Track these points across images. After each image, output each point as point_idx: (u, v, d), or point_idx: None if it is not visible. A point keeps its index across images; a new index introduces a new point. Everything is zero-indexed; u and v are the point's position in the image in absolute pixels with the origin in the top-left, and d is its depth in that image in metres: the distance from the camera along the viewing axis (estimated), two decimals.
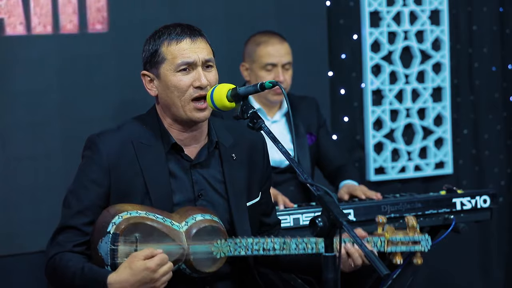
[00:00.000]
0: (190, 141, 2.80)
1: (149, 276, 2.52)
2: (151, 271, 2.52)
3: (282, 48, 4.08)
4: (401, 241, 2.84)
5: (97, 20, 4.19)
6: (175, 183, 2.75)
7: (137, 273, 2.52)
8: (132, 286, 2.53)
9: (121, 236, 2.57)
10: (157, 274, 2.53)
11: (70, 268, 2.62)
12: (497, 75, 5.27)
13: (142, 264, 2.52)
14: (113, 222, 2.59)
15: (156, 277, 2.53)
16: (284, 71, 4.07)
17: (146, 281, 2.53)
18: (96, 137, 2.76)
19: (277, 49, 4.06)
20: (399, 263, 2.85)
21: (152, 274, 2.53)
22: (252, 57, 4.10)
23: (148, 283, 2.54)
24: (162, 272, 2.54)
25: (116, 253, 2.58)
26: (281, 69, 4.06)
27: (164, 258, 2.55)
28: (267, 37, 4.11)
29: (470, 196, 3.80)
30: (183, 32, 2.75)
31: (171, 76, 2.74)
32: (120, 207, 2.64)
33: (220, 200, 2.78)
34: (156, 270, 2.53)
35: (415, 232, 2.87)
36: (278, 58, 4.06)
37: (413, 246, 2.86)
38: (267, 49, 4.06)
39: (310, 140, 4.22)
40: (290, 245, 2.73)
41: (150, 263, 2.52)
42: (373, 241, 2.79)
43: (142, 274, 2.52)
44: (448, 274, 5.17)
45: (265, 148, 2.94)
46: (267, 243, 2.71)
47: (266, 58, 4.06)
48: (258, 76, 4.05)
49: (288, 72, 4.10)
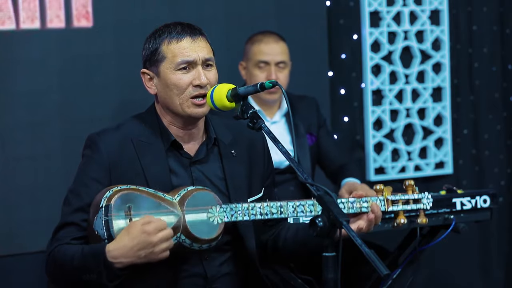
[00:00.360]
0: (189, 138, 2.81)
1: (147, 240, 2.51)
2: (149, 234, 2.51)
3: (276, 46, 4.08)
4: (401, 200, 2.83)
5: (83, 16, 4.19)
6: (176, 180, 2.75)
7: (135, 236, 2.51)
8: (131, 250, 2.52)
9: (114, 207, 2.56)
10: (155, 237, 2.51)
11: (69, 254, 2.62)
12: (497, 75, 5.27)
13: (140, 228, 2.51)
14: (104, 197, 2.59)
15: (154, 241, 2.52)
16: (278, 70, 4.07)
17: (145, 246, 2.52)
18: (96, 136, 2.77)
19: (271, 47, 4.07)
20: (403, 222, 2.82)
21: (150, 237, 2.51)
22: (248, 56, 4.12)
23: (146, 247, 2.52)
24: (160, 237, 2.52)
25: (110, 224, 2.56)
26: (274, 67, 4.06)
27: (162, 223, 2.54)
28: (263, 36, 4.12)
29: (470, 196, 3.80)
30: (183, 30, 2.76)
31: (171, 75, 2.74)
32: (111, 187, 2.64)
33: (221, 197, 2.78)
34: (155, 234, 2.51)
35: (413, 192, 2.85)
36: (271, 56, 4.06)
37: (415, 205, 2.84)
38: (260, 47, 4.08)
39: (310, 140, 4.22)
40: (287, 208, 2.70)
41: (148, 227, 2.51)
42: (372, 200, 2.78)
43: (139, 238, 2.51)
44: (448, 274, 5.17)
45: (265, 144, 2.94)
46: (264, 207, 2.68)
47: (258, 56, 4.07)
48: (252, 74, 4.07)
49: (283, 72, 4.09)
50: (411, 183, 2.86)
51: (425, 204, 2.85)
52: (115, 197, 2.58)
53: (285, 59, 4.09)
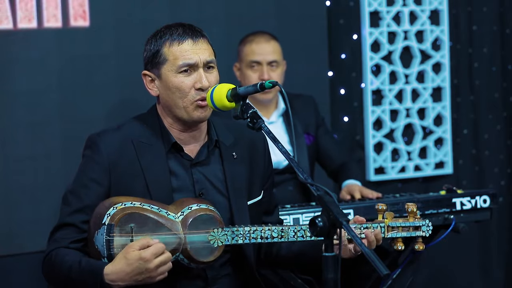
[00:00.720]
0: (190, 140, 2.80)
1: (143, 266, 2.50)
2: (146, 261, 2.50)
3: (267, 46, 4.09)
4: (402, 227, 2.83)
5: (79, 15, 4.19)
6: (176, 182, 2.75)
7: (132, 262, 2.50)
8: (128, 275, 2.52)
9: (116, 226, 2.56)
10: (152, 264, 2.51)
11: (67, 263, 2.61)
12: (497, 75, 5.27)
13: (136, 254, 2.50)
14: (108, 213, 2.59)
15: (151, 267, 2.51)
16: (270, 70, 4.07)
17: (141, 271, 2.51)
18: (96, 137, 2.76)
19: (262, 47, 4.07)
20: (400, 248, 2.83)
21: (147, 264, 2.50)
22: (241, 57, 4.14)
23: (143, 273, 2.52)
24: (157, 263, 2.52)
25: (112, 244, 2.56)
26: (266, 67, 4.06)
27: (160, 247, 2.53)
28: (254, 36, 4.14)
29: (470, 196, 3.80)
30: (184, 32, 2.75)
31: (172, 77, 2.74)
32: (115, 199, 2.64)
33: (221, 199, 2.78)
34: (151, 260, 2.51)
35: (415, 218, 2.86)
36: (262, 56, 4.07)
37: (414, 232, 2.85)
38: (252, 47, 4.09)
39: (308, 140, 4.22)
40: (288, 232, 2.71)
41: (145, 253, 2.50)
42: (373, 227, 2.78)
43: (136, 264, 2.50)
44: (448, 274, 5.17)
45: (266, 146, 2.94)
46: (265, 231, 2.69)
47: (250, 56, 4.08)
48: (245, 75, 4.08)
49: (276, 71, 4.09)
50: (413, 209, 2.85)
51: (424, 231, 2.86)
52: (119, 216, 2.57)
53: (276, 58, 4.09)
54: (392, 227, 2.81)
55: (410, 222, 2.84)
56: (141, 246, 2.52)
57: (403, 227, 2.83)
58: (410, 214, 2.85)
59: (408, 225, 2.83)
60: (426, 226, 2.86)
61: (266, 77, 4.01)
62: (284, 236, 2.71)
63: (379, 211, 2.84)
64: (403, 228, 2.83)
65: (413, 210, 2.85)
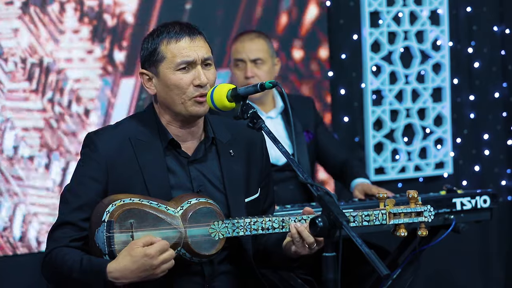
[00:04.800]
0: (188, 137, 2.80)
1: (148, 263, 2.51)
2: (151, 257, 2.51)
3: (251, 44, 4.10)
4: (403, 213, 2.82)
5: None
6: (174, 179, 2.75)
7: (137, 259, 2.51)
8: (132, 273, 2.52)
9: (116, 223, 2.56)
10: (156, 260, 2.52)
11: (67, 262, 2.61)
12: (497, 75, 5.27)
13: (141, 250, 2.51)
14: (107, 210, 2.58)
15: (156, 264, 2.52)
16: (254, 67, 4.08)
17: (146, 268, 2.52)
18: (93, 135, 2.76)
19: (245, 45, 4.09)
20: (404, 235, 2.82)
21: (152, 260, 2.51)
22: (230, 56, 4.15)
23: (147, 270, 2.52)
24: (162, 259, 2.53)
25: (112, 240, 2.56)
26: (249, 64, 4.07)
27: (164, 244, 2.54)
28: (240, 35, 4.19)
29: (470, 196, 3.80)
30: (182, 30, 2.75)
31: (170, 75, 2.74)
32: (114, 197, 2.63)
33: (219, 196, 2.78)
34: (156, 257, 2.52)
35: (416, 204, 2.85)
36: (245, 54, 4.08)
37: (416, 218, 2.84)
38: (236, 46, 4.13)
39: (307, 138, 4.22)
40: (289, 223, 2.70)
41: (150, 250, 2.51)
42: (375, 214, 2.78)
43: (141, 261, 2.51)
44: (448, 274, 5.17)
45: (264, 144, 2.94)
46: (266, 222, 2.68)
47: (235, 55, 4.13)
48: (233, 73, 4.12)
49: (262, 68, 4.09)
50: (414, 195, 2.84)
51: (426, 217, 2.85)
52: (118, 212, 2.57)
53: (260, 56, 4.09)
54: (394, 214, 2.81)
55: (412, 208, 2.83)
56: (145, 243, 2.53)
57: (405, 213, 2.82)
58: (412, 200, 2.84)
59: (410, 210, 2.82)
60: (428, 212, 2.84)
61: (249, 74, 4.04)
62: (285, 226, 2.70)
63: (380, 199, 2.83)
64: (405, 214, 2.82)
65: (414, 196, 2.84)
